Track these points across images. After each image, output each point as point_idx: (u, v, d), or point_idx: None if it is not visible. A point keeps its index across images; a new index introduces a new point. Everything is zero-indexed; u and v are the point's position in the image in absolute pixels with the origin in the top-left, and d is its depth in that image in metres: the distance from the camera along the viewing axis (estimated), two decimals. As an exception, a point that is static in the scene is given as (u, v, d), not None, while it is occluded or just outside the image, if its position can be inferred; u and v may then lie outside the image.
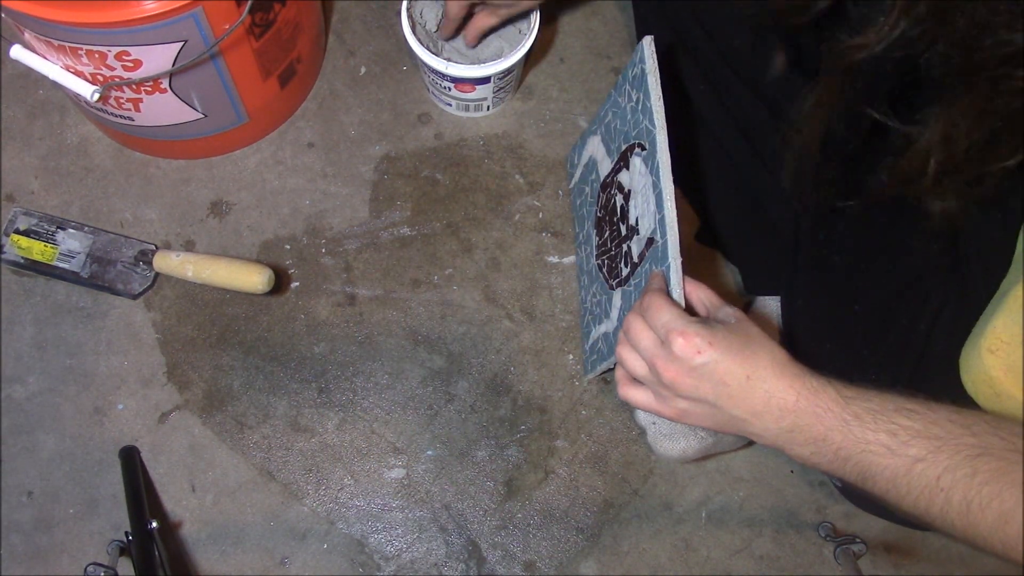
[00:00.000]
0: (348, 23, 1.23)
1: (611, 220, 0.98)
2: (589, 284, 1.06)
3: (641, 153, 0.89)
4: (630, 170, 0.92)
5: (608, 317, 0.98)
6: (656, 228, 0.84)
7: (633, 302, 0.88)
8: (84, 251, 1.09)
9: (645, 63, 0.86)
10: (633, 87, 0.91)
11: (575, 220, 1.12)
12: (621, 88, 0.95)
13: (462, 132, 1.19)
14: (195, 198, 1.16)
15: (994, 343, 0.78)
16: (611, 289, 0.98)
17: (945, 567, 1.09)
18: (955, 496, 0.58)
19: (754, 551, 1.07)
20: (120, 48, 0.90)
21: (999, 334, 0.78)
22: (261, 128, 1.17)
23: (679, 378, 0.69)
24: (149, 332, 1.11)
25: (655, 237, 0.84)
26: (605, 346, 0.99)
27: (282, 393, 1.10)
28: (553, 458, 1.09)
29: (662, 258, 0.82)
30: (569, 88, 1.21)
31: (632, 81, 0.91)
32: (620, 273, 0.94)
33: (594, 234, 1.05)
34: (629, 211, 0.92)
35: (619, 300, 0.95)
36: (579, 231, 1.10)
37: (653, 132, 0.85)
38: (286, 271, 1.13)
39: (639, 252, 0.88)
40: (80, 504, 1.06)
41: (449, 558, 1.06)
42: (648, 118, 0.86)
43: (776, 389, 0.66)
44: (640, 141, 0.89)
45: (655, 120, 0.84)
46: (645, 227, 0.87)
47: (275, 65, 1.06)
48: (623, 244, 0.93)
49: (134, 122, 1.05)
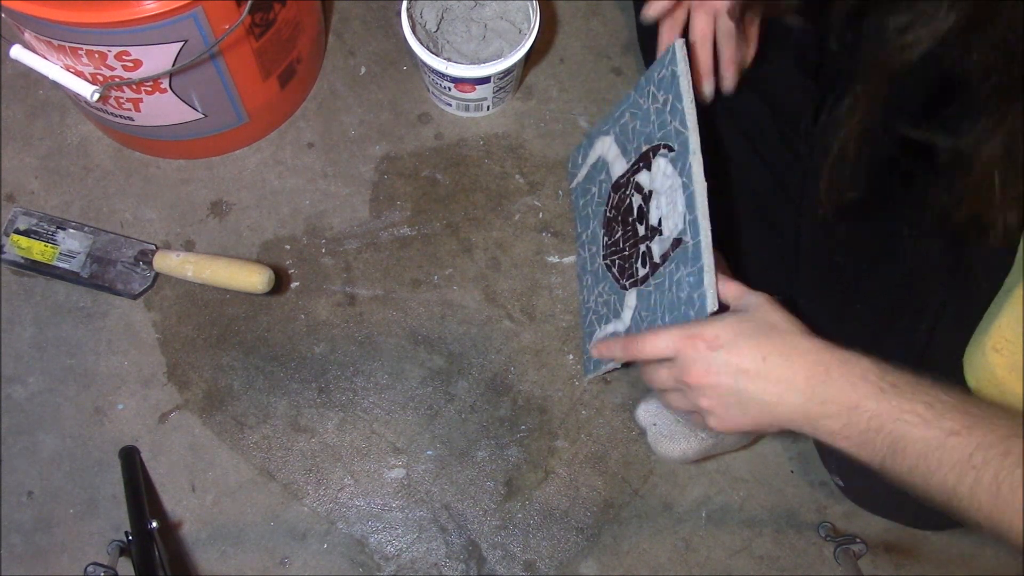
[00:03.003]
0: (348, 23, 1.23)
1: (625, 220, 0.98)
2: (594, 284, 1.06)
3: (668, 154, 0.89)
4: (652, 171, 0.92)
5: (619, 317, 0.98)
6: (686, 229, 0.84)
7: (653, 302, 0.89)
8: (84, 251, 1.09)
9: (677, 65, 0.86)
10: (660, 89, 0.91)
11: (577, 220, 1.11)
12: (643, 89, 0.95)
13: (462, 132, 1.19)
14: (195, 198, 1.16)
15: (999, 342, 0.78)
16: (623, 289, 0.97)
17: (945, 567, 1.09)
18: (986, 475, 0.57)
19: (754, 551, 1.07)
20: (120, 48, 0.90)
21: (1003, 333, 0.78)
22: (261, 128, 1.17)
23: (701, 378, 0.69)
24: (149, 332, 1.11)
25: (684, 238, 0.84)
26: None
27: (282, 393, 1.10)
28: (553, 458, 1.09)
29: (693, 258, 0.82)
30: (569, 88, 1.21)
31: (659, 83, 0.91)
32: (635, 273, 0.94)
33: (602, 234, 1.05)
34: (650, 212, 0.91)
35: (634, 300, 0.94)
36: (582, 231, 1.10)
37: (684, 134, 0.85)
38: (286, 271, 1.13)
39: (662, 252, 0.88)
40: (80, 504, 1.06)
41: (449, 558, 1.06)
42: (678, 120, 0.86)
43: (801, 364, 0.65)
44: (667, 143, 0.89)
45: (687, 122, 0.84)
46: (670, 228, 0.87)
47: (275, 65, 1.06)
48: (640, 244, 0.93)
49: (134, 122, 1.05)
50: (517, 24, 1.14)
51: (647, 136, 0.93)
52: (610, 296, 1.01)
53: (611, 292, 1.01)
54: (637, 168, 0.95)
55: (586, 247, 1.09)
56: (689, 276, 0.83)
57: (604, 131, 1.05)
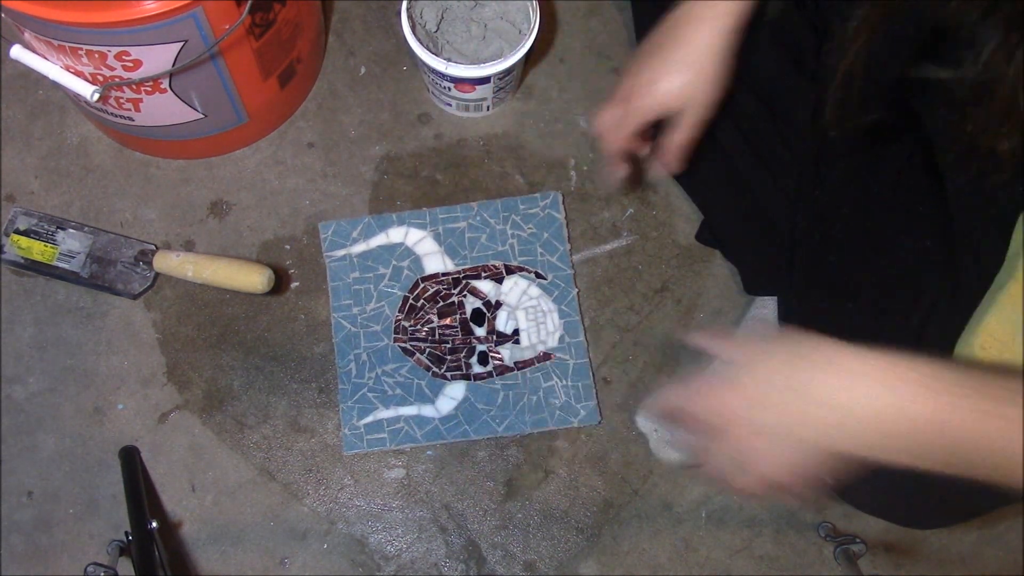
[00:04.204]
0: (348, 23, 1.23)
1: (444, 314, 1.09)
2: (379, 363, 1.09)
3: (534, 279, 1.11)
4: (503, 285, 1.10)
5: (431, 403, 1.08)
6: (565, 348, 1.09)
7: (501, 400, 1.07)
8: (84, 251, 1.09)
9: (559, 212, 1.13)
10: (529, 222, 1.13)
11: (337, 289, 1.11)
12: (497, 213, 1.13)
13: (462, 132, 1.19)
14: (195, 198, 1.16)
15: (987, 341, 0.78)
16: (440, 379, 1.08)
17: (945, 567, 1.09)
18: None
19: (754, 551, 1.07)
20: (120, 48, 0.90)
21: (992, 331, 0.78)
22: (261, 128, 1.17)
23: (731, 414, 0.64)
24: (149, 332, 1.11)
25: (557, 355, 1.09)
26: (408, 427, 1.07)
27: (282, 393, 1.10)
28: (553, 458, 1.09)
29: (576, 376, 1.08)
30: (569, 88, 1.21)
31: (528, 217, 1.13)
32: (465, 367, 1.08)
33: (396, 316, 1.10)
34: (496, 319, 1.09)
35: (462, 392, 1.08)
36: (348, 302, 1.11)
37: (566, 272, 1.11)
38: (286, 271, 1.13)
39: (517, 360, 1.08)
40: (80, 504, 1.06)
41: (449, 558, 1.06)
42: (556, 257, 1.12)
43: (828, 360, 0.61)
44: (536, 270, 1.11)
45: (568, 262, 1.11)
46: (532, 341, 1.09)
47: (275, 65, 1.06)
48: (477, 344, 1.09)
49: (134, 122, 1.05)
50: (517, 24, 1.14)
51: (499, 254, 1.12)
52: (412, 379, 1.08)
53: (415, 376, 1.08)
54: (475, 275, 1.10)
55: (355, 320, 1.10)
56: (570, 389, 1.08)
57: (412, 223, 1.13)
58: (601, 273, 1.14)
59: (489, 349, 1.09)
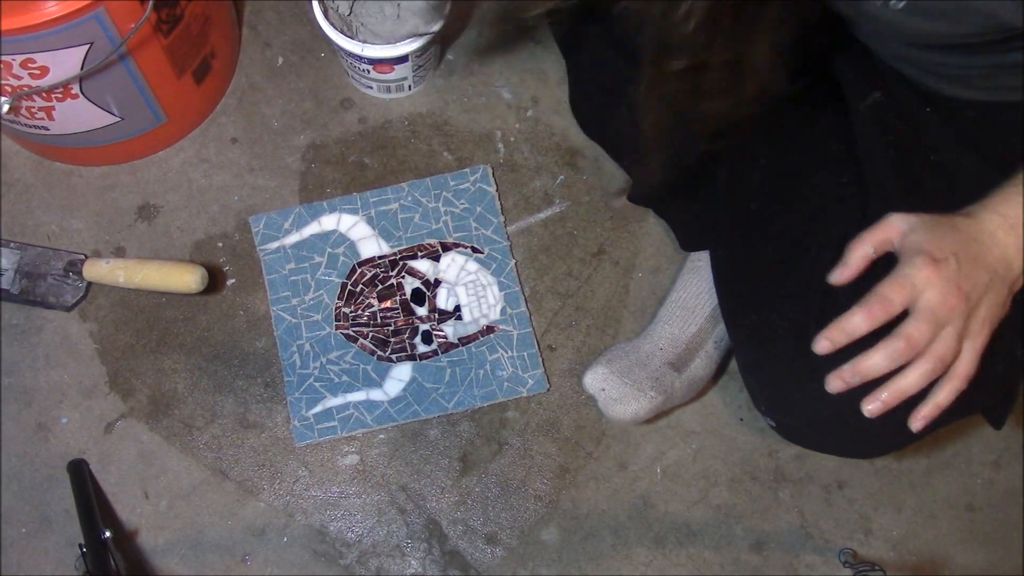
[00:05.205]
0: (261, 14, 1.22)
1: (384, 297, 1.09)
2: (322, 352, 1.09)
3: (471, 255, 1.11)
4: (440, 263, 1.11)
5: (379, 387, 1.08)
6: (507, 320, 1.10)
7: (448, 377, 1.08)
8: (12, 267, 1.07)
9: (490, 186, 1.14)
10: (461, 198, 1.13)
11: (274, 283, 1.11)
12: (428, 191, 1.13)
13: (386, 114, 1.18)
14: (121, 204, 1.14)
15: None
16: (386, 361, 1.08)
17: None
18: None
19: (711, 501, 1.09)
20: (25, 56, 0.88)
21: None
22: (181, 127, 1.15)
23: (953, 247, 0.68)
24: (87, 343, 1.10)
25: (501, 327, 1.09)
26: (358, 413, 1.07)
27: (228, 391, 1.09)
28: (505, 429, 1.09)
29: (520, 345, 1.09)
30: (489, 61, 1.21)
31: (458, 192, 1.13)
32: (409, 348, 1.09)
33: (336, 304, 1.10)
34: (437, 297, 1.10)
35: (408, 373, 1.08)
36: (286, 294, 1.10)
37: (502, 244, 1.12)
38: (221, 269, 1.12)
39: (461, 336, 1.09)
40: (32, 522, 1.05)
41: (410, 538, 1.06)
42: (491, 230, 1.12)
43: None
44: (473, 245, 1.12)
45: (504, 234, 1.12)
46: (475, 316, 1.09)
47: (188, 61, 1.05)
48: (420, 324, 1.09)
49: (50, 131, 1.04)
50: (431, 1, 1.13)
51: (433, 232, 1.12)
52: (357, 365, 1.08)
53: (360, 362, 1.09)
54: (412, 255, 1.11)
55: (295, 312, 1.10)
56: (516, 360, 1.09)
57: (344, 209, 1.13)
58: (537, 242, 1.15)
59: (432, 328, 1.09)
